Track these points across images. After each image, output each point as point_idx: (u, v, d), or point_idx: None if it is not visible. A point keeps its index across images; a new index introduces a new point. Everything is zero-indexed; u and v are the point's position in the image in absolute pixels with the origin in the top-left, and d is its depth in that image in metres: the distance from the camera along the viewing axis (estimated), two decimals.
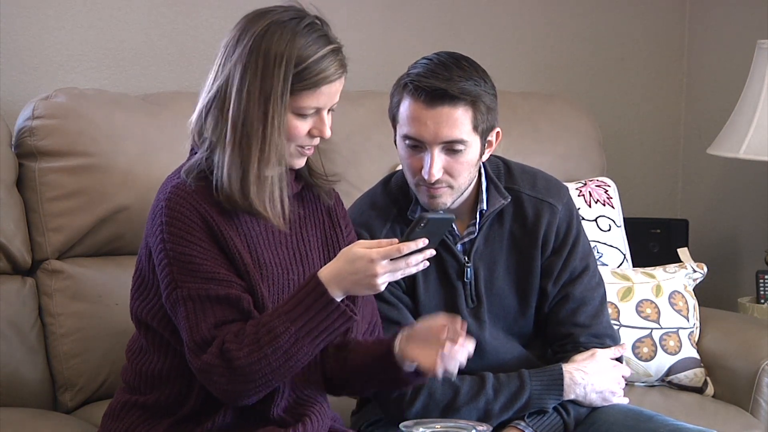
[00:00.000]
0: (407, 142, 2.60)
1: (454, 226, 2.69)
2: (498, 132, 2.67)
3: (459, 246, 2.70)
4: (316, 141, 2.37)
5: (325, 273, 2.25)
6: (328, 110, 2.35)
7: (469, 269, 2.70)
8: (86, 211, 3.01)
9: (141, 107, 3.12)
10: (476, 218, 2.70)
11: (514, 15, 3.98)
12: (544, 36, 4.05)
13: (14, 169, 3.00)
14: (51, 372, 2.98)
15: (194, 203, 2.29)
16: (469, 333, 2.25)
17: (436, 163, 2.57)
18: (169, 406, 2.39)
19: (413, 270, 2.25)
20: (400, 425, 2.31)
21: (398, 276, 2.25)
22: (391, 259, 2.22)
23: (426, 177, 2.58)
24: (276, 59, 2.27)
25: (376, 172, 3.28)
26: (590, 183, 3.53)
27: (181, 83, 3.48)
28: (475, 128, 2.59)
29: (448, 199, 2.63)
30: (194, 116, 2.37)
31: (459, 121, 2.56)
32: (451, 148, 2.57)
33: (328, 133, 2.35)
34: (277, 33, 2.29)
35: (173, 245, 2.27)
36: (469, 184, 2.66)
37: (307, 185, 2.47)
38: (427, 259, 2.68)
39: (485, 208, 2.70)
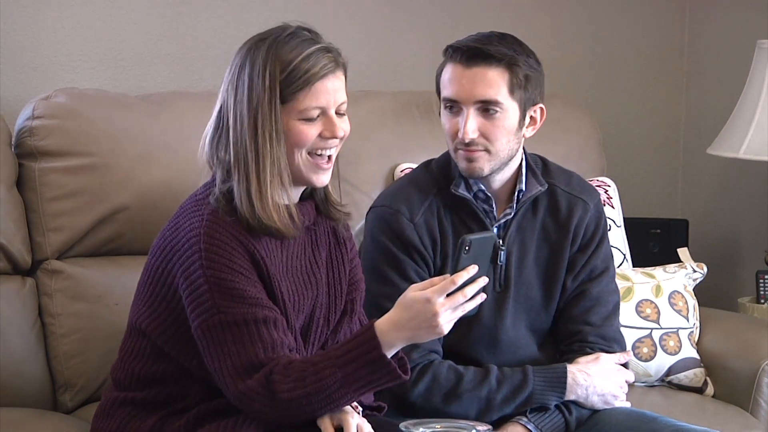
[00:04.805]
0: (446, 105, 2.65)
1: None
2: (542, 108, 2.70)
3: (495, 228, 2.72)
4: (331, 144, 2.36)
5: (382, 324, 2.24)
6: (338, 112, 2.35)
7: (502, 252, 2.71)
8: (86, 211, 3.00)
9: (141, 107, 3.12)
10: (514, 201, 2.72)
11: (514, 15, 3.98)
12: (545, 36, 4.04)
13: (14, 169, 3.00)
14: (51, 372, 2.98)
15: (233, 232, 2.30)
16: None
17: (470, 123, 2.60)
18: (159, 403, 2.40)
19: (472, 304, 2.24)
20: (400, 425, 2.31)
21: (459, 313, 2.24)
22: (447, 295, 2.21)
23: (460, 136, 2.61)
24: (258, 71, 2.29)
25: (376, 172, 3.28)
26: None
27: (181, 83, 3.48)
28: (512, 92, 2.62)
29: (485, 164, 2.65)
30: (203, 143, 2.38)
31: (493, 81, 2.60)
32: (485, 108, 2.61)
33: (340, 132, 2.35)
34: (259, 47, 2.31)
35: (214, 272, 2.27)
36: (509, 157, 2.68)
37: (323, 215, 2.48)
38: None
39: (524, 188, 2.72)
